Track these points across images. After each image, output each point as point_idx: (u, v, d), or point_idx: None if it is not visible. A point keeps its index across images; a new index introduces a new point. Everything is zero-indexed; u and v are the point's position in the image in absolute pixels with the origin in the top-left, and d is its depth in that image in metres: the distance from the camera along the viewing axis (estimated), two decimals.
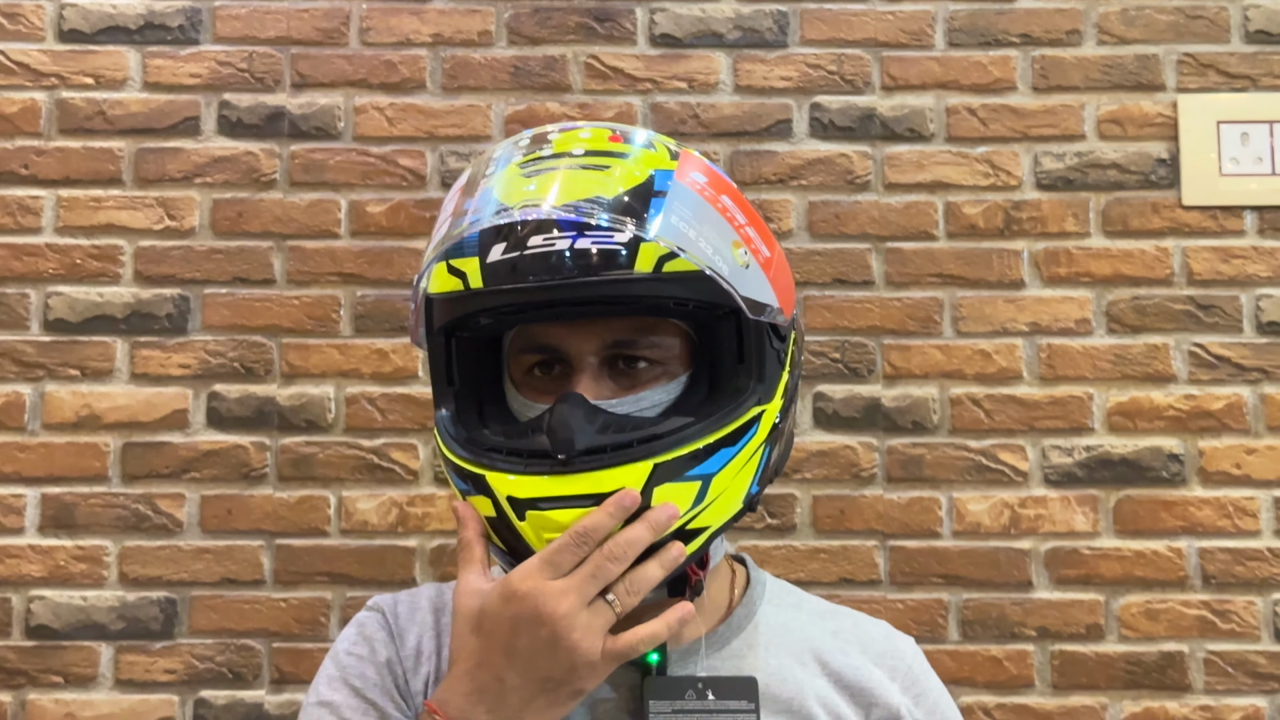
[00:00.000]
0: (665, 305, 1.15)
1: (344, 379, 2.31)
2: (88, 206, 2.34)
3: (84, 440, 2.29)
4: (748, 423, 1.14)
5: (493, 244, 1.11)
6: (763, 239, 1.20)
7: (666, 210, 1.11)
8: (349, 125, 2.36)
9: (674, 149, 1.19)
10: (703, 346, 1.19)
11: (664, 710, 1.18)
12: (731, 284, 1.12)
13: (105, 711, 2.22)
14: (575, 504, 1.07)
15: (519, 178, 1.14)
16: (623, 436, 1.10)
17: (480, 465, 1.12)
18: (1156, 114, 2.35)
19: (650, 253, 1.10)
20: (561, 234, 1.09)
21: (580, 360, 1.16)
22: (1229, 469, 2.27)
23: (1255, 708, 2.21)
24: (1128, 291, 2.31)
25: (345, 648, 1.28)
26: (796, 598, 1.37)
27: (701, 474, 1.11)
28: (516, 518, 1.09)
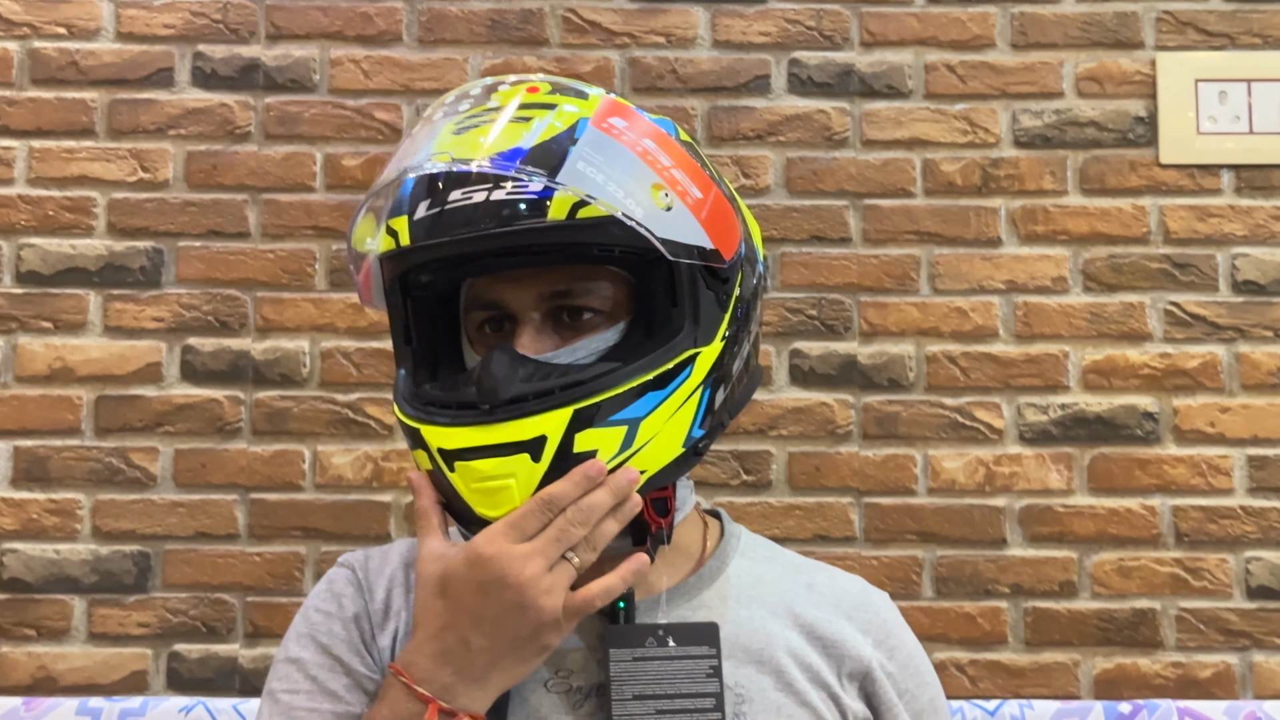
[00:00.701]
0: (589, 252, 1.15)
1: (319, 333, 2.30)
2: (60, 158, 2.32)
3: (56, 393, 2.28)
4: (679, 365, 1.14)
5: (420, 201, 1.13)
6: (694, 180, 1.18)
7: (573, 156, 1.11)
8: (324, 78, 2.35)
9: (596, 95, 1.19)
10: (641, 292, 1.19)
11: (624, 658, 1.18)
12: (646, 227, 1.10)
13: (78, 665, 2.22)
14: (497, 453, 1.08)
15: (450, 134, 1.14)
16: (545, 384, 1.10)
17: (417, 419, 1.13)
18: (1135, 72, 2.34)
19: (564, 201, 1.10)
20: (479, 187, 1.11)
21: (523, 314, 1.17)
22: (1203, 427, 2.28)
23: (1226, 664, 2.22)
24: (1104, 250, 2.31)
25: (314, 604, 1.29)
26: (770, 551, 1.37)
27: (628, 418, 1.11)
28: (448, 469, 1.10)
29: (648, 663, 1.18)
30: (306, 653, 1.24)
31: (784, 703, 1.21)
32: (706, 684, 1.18)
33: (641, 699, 1.16)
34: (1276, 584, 2.24)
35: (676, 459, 1.17)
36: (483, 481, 1.09)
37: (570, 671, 1.20)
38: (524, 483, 1.08)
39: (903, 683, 1.29)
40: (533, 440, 1.08)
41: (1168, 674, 2.22)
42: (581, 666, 1.20)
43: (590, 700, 1.19)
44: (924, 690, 1.32)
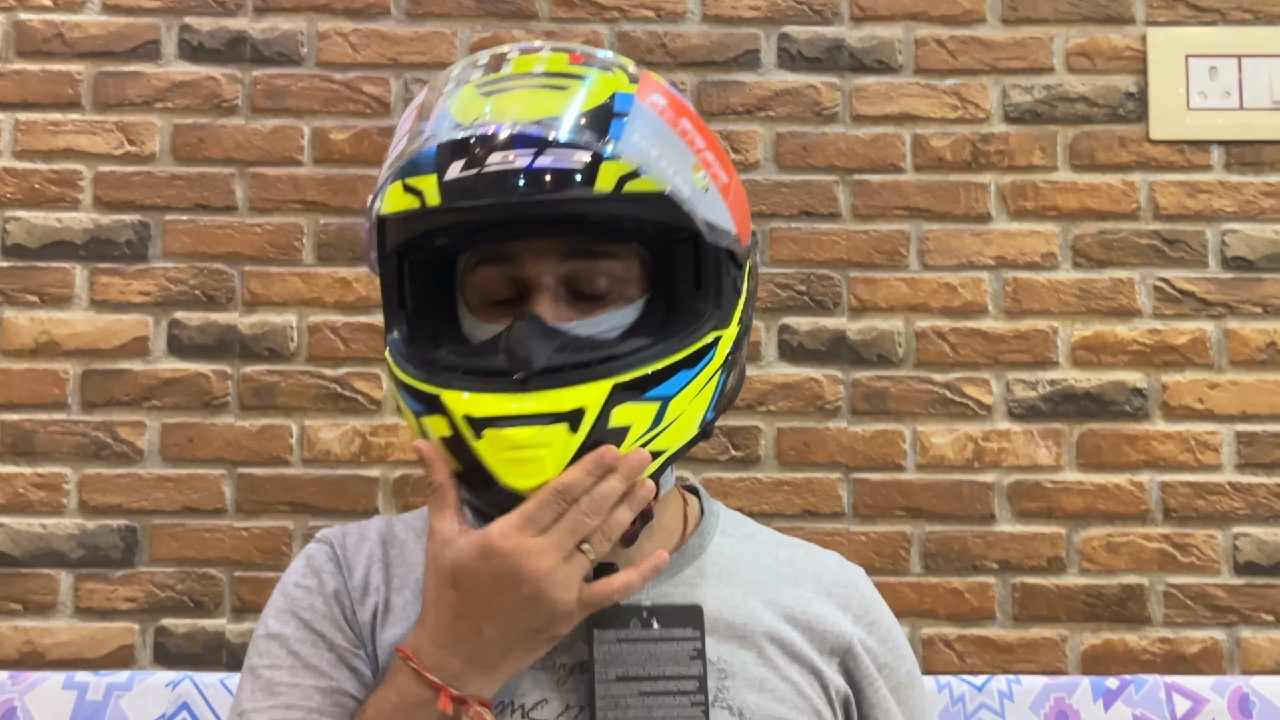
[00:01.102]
0: (624, 227, 1.14)
1: (306, 308, 2.29)
2: (46, 130, 2.31)
3: (43, 367, 2.27)
4: (705, 347, 1.14)
5: (450, 161, 1.09)
6: (721, 164, 1.19)
7: (629, 130, 1.10)
8: (312, 51, 2.34)
9: (633, 71, 1.18)
10: (659, 271, 1.19)
11: (608, 640, 1.18)
12: (692, 205, 1.11)
13: (65, 639, 2.21)
14: (533, 421, 1.07)
15: (476, 97, 1.12)
16: (581, 356, 1.09)
17: (435, 384, 1.11)
18: (1125, 47, 2.34)
19: (611, 172, 1.08)
20: (521, 151, 1.07)
21: (539, 282, 1.15)
22: (1192, 404, 2.28)
23: (1214, 640, 2.23)
24: (1094, 226, 2.31)
25: (293, 580, 1.27)
26: (749, 528, 1.37)
27: (660, 395, 1.10)
28: (474, 436, 1.08)
29: (632, 644, 1.18)
30: (287, 628, 1.23)
31: (766, 677, 1.21)
32: (690, 666, 1.18)
33: (625, 680, 1.16)
34: (1264, 560, 2.24)
35: (690, 440, 1.18)
36: (515, 450, 1.07)
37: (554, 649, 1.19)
38: (559, 453, 1.07)
39: (882, 657, 1.30)
40: (572, 411, 1.07)
41: (1155, 650, 2.23)
42: (567, 645, 1.19)
43: (574, 677, 1.18)
44: (901, 664, 1.32)
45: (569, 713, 1.17)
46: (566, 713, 1.17)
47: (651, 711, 1.16)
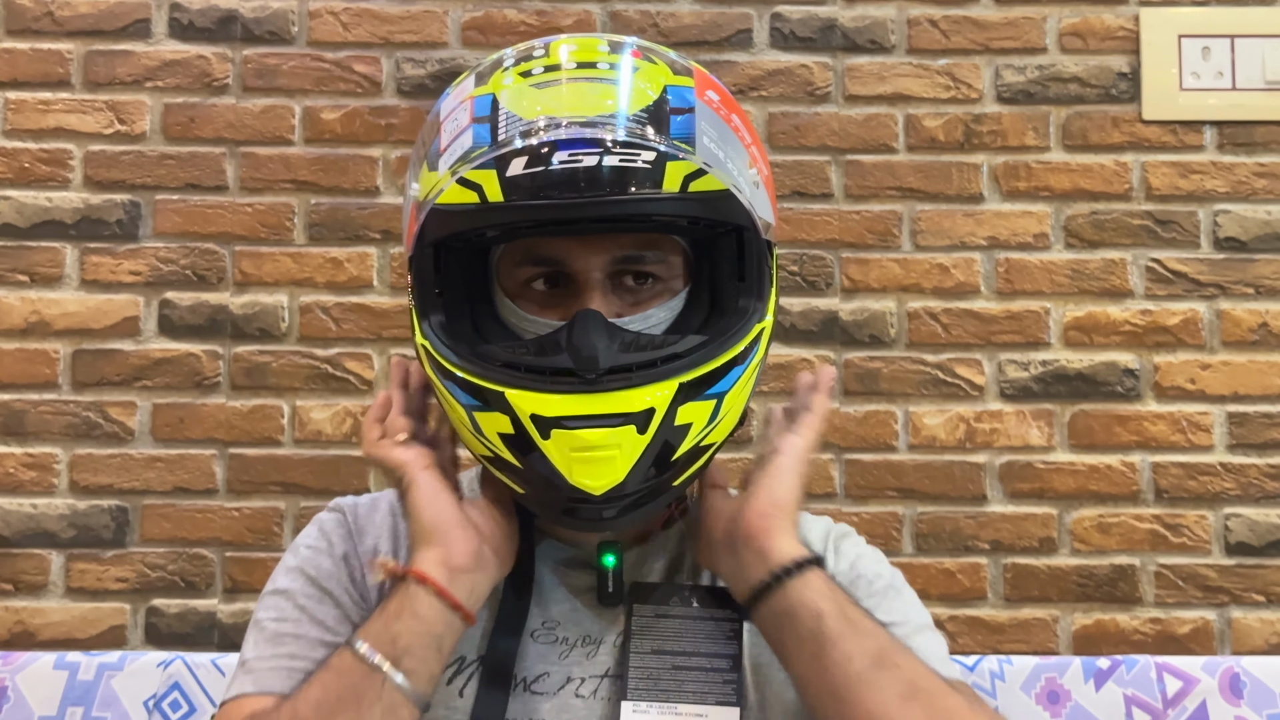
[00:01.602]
0: (680, 223, 1.14)
1: (297, 288, 2.28)
2: (36, 109, 2.30)
3: (33, 347, 2.26)
4: (753, 340, 1.15)
5: (511, 157, 1.08)
6: (762, 158, 1.20)
7: (698, 130, 1.10)
8: (303, 30, 2.33)
9: (681, 63, 1.18)
10: (699, 262, 1.19)
11: (647, 614, 1.21)
12: (751, 204, 1.13)
13: (56, 619, 2.21)
14: (604, 423, 1.08)
15: (529, 89, 1.12)
16: (645, 355, 1.10)
17: (498, 382, 1.10)
18: (1118, 27, 2.33)
19: (677, 172, 1.08)
20: (586, 150, 1.07)
21: (587, 276, 1.15)
22: (1183, 384, 2.28)
23: (1204, 620, 2.23)
24: (1086, 206, 2.31)
25: (304, 542, 1.29)
26: None
27: (717, 392, 1.12)
28: (540, 436, 1.08)
29: (670, 620, 1.20)
30: (295, 584, 1.25)
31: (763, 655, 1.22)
32: (726, 645, 1.20)
33: (659, 654, 1.19)
34: (1255, 540, 2.24)
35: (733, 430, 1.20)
36: (587, 451, 1.08)
37: (557, 623, 1.22)
38: (628, 453, 1.08)
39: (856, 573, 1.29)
40: (642, 413, 1.08)
41: (1146, 630, 2.23)
42: (569, 619, 1.22)
43: (575, 650, 1.21)
44: (879, 579, 1.30)
45: (570, 685, 1.19)
46: (568, 685, 1.19)
47: (683, 685, 1.18)
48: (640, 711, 1.16)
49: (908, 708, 1.05)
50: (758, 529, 1.13)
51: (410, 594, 1.09)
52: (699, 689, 1.17)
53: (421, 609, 1.09)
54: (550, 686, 1.19)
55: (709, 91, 1.16)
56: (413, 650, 1.07)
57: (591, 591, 1.23)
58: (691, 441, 1.11)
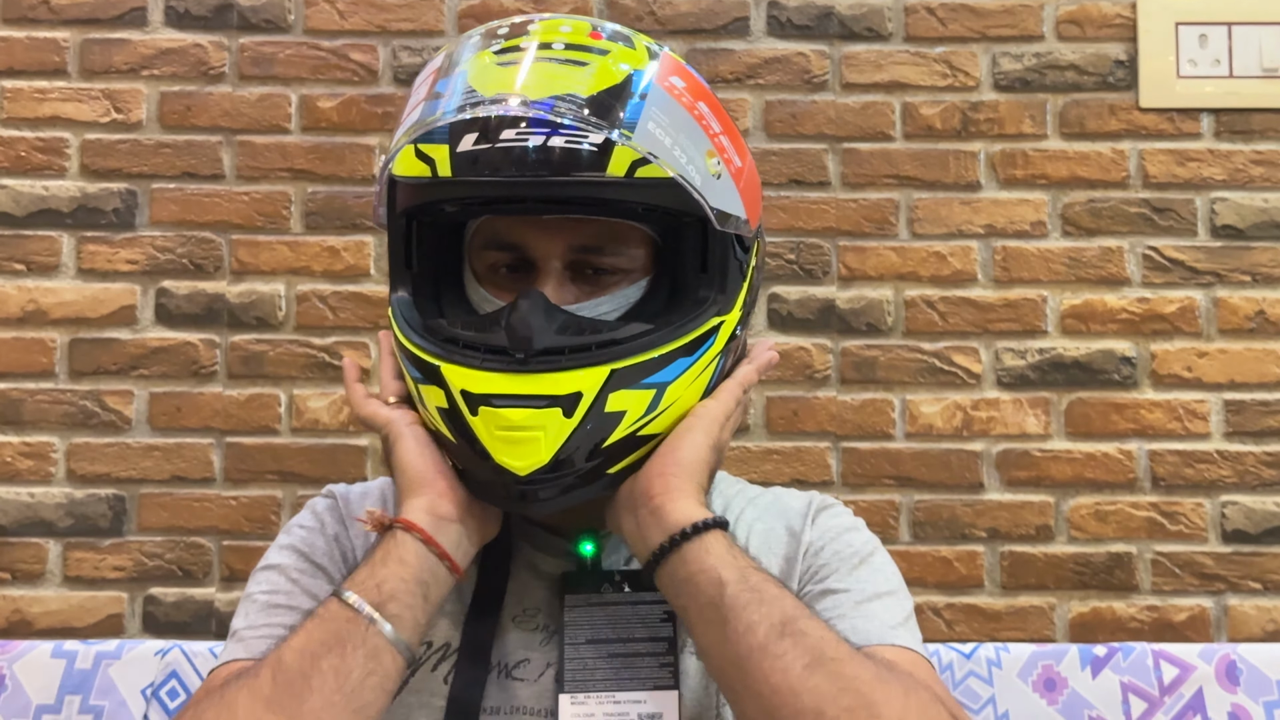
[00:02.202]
0: (634, 210, 1.13)
1: (294, 276, 2.28)
2: (32, 98, 2.30)
3: (30, 336, 2.26)
4: (706, 333, 1.14)
5: (464, 133, 1.09)
6: (735, 148, 1.19)
7: (645, 115, 1.09)
8: (299, 18, 2.32)
9: (654, 49, 1.17)
10: (666, 252, 1.19)
11: (579, 604, 1.19)
12: (702, 194, 1.11)
13: (54, 608, 2.21)
14: (529, 403, 1.07)
15: (494, 67, 1.12)
16: (581, 339, 1.09)
17: (435, 355, 1.11)
18: (1115, 15, 2.33)
19: (623, 157, 1.08)
20: (535, 130, 1.07)
21: (545, 262, 1.15)
22: (1180, 372, 2.28)
23: (1201, 608, 2.23)
24: (1083, 194, 2.31)
25: (298, 522, 1.30)
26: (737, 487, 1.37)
27: (657, 382, 1.11)
28: (469, 412, 1.08)
29: (603, 608, 1.19)
30: (288, 559, 1.25)
31: None
32: (660, 628, 1.18)
33: (594, 643, 1.18)
34: (1252, 528, 2.24)
35: None
36: (510, 430, 1.07)
37: (537, 610, 1.22)
38: (553, 436, 1.07)
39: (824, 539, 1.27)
40: (568, 396, 1.07)
41: (1143, 617, 2.23)
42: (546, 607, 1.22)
43: (555, 638, 1.20)
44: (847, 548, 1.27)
45: (550, 671, 1.19)
46: (548, 671, 1.19)
47: (619, 673, 1.17)
48: (579, 703, 1.15)
49: (811, 677, 0.99)
50: (657, 489, 1.10)
51: (396, 540, 1.09)
52: (636, 675, 1.16)
53: (407, 555, 1.08)
54: (530, 673, 1.19)
55: (673, 78, 1.15)
56: (397, 596, 1.07)
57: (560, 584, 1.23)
58: (625, 430, 1.10)
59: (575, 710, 1.15)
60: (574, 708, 1.15)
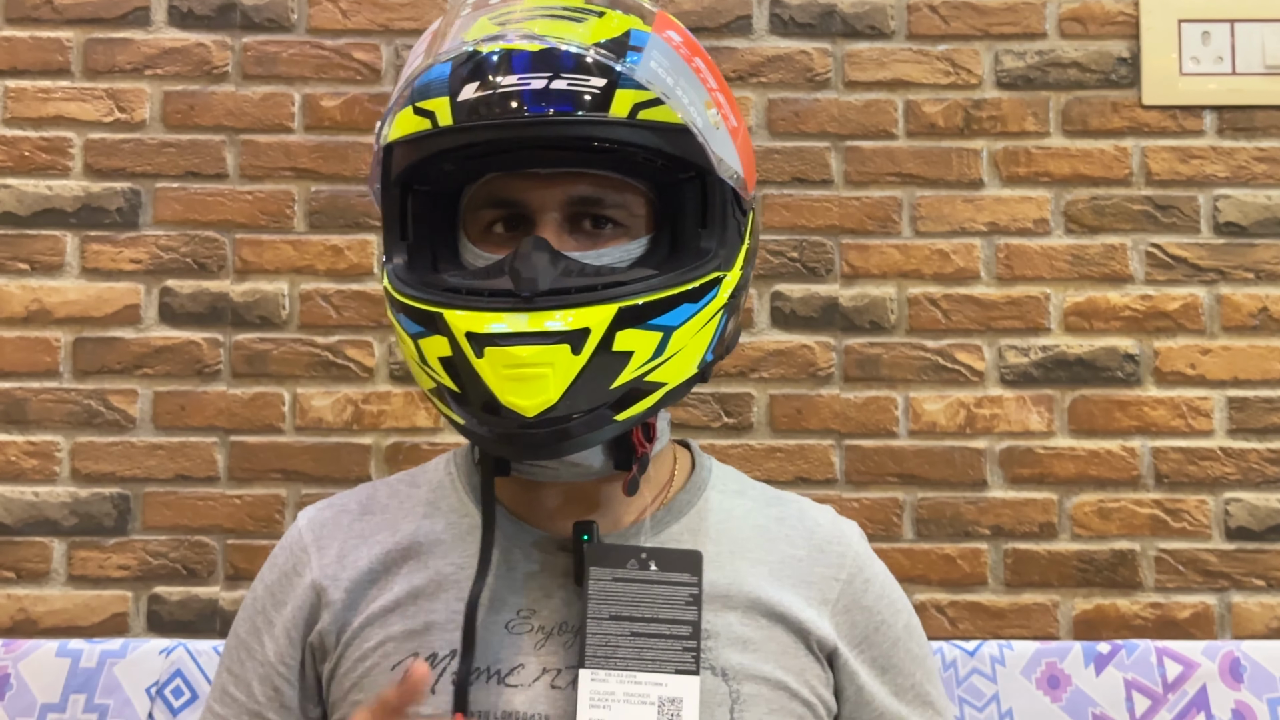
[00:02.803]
0: (634, 157, 1.13)
1: (298, 275, 2.29)
2: (35, 98, 2.30)
3: (34, 335, 2.26)
4: (709, 283, 1.14)
5: (464, 84, 1.09)
6: (731, 108, 1.20)
7: (646, 57, 1.10)
8: (302, 17, 2.33)
9: (649, 9, 1.19)
10: (665, 209, 1.18)
11: (604, 577, 1.16)
12: (705, 138, 1.11)
13: (58, 607, 2.21)
14: (537, 340, 1.06)
15: (491, 25, 1.12)
16: (586, 280, 1.09)
17: (436, 304, 1.10)
18: (1118, 12, 2.33)
19: (626, 99, 1.08)
20: (536, 74, 1.07)
21: (543, 215, 1.15)
22: (1184, 369, 2.28)
23: (1205, 605, 2.23)
24: (1086, 191, 2.31)
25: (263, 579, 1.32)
26: (740, 484, 1.35)
27: (663, 325, 1.10)
28: (475, 354, 1.07)
29: (628, 584, 1.16)
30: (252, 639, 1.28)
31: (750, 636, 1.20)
32: (685, 611, 1.16)
33: (618, 619, 1.15)
34: (1255, 525, 2.24)
35: (689, 378, 1.17)
36: (518, 368, 1.06)
37: (532, 611, 1.19)
38: (561, 373, 1.06)
39: (877, 616, 1.28)
40: (576, 331, 1.06)
41: (1146, 615, 2.23)
42: (544, 605, 1.19)
43: (551, 640, 1.18)
44: (897, 619, 1.30)
45: (545, 676, 1.16)
46: (543, 676, 1.16)
47: (641, 653, 1.15)
48: (599, 680, 1.13)
49: None
50: None
51: None
52: (658, 657, 1.14)
53: None
54: (525, 678, 1.16)
55: (669, 31, 1.16)
56: None
57: (568, 576, 1.19)
58: (634, 372, 1.09)
59: (595, 687, 1.13)
60: (594, 685, 1.13)
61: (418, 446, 2.25)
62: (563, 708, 1.14)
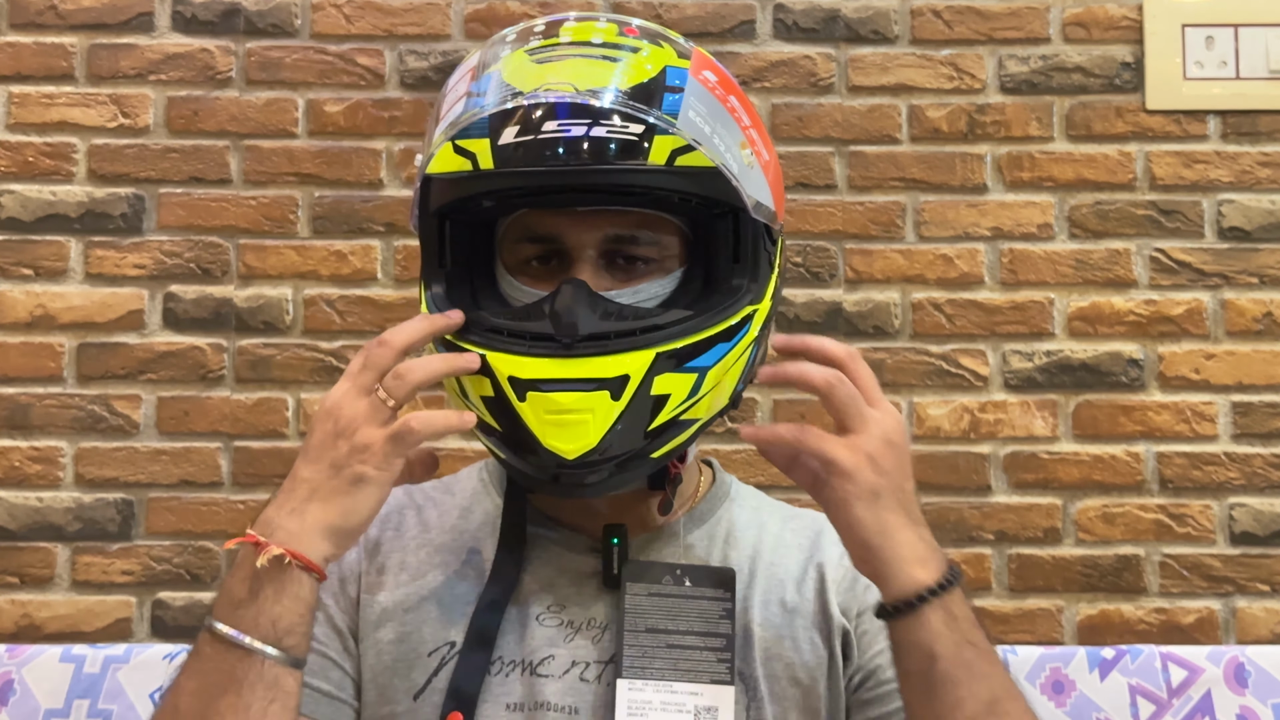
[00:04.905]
0: (670, 199, 1.15)
1: (302, 280, 2.29)
2: (40, 103, 2.30)
3: (38, 340, 2.26)
4: (742, 320, 1.16)
5: (504, 127, 1.11)
6: (764, 142, 1.22)
7: (685, 104, 1.12)
8: (306, 22, 2.33)
9: (684, 46, 1.20)
10: (698, 244, 1.21)
11: (639, 593, 1.21)
12: (740, 181, 1.13)
13: (62, 612, 2.21)
14: (577, 387, 1.10)
15: (529, 64, 1.15)
16: (625, 324, 1.12)
17: (481, 346, 1.13)
18: (1121, 16, 2.33)
19: (664, 146, 1.10)
20: (576, 120, 1.10)
21: (580, 252, 1.17)
22: (1188, 374, 2.28)
23: (1209, 610, 2.23)
24: (1090, 196, 2.31)
25: None
26: (758, 500, 1.39)
27: (699, 366, 1.13)
28: (517, 398, 1.10)
29: (663, 599, 1.21)
30: None
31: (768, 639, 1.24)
32: (719, 625, 1.21)
33: (653, 632, 1.20)
34: (1260, 530, 2.24)
35: (721, 409, 1.21)
36: (559, 414, 1.10)
37: (562, 607, 1.23)
38: (601, 419, 1.10)
39: None
40: (616, 379, 1.10)
41: (1151, 620, 2.23)
42: (574, 602, 1.23)
43: (580, 634, 1.22)
44: None
45: (575, 669, 1.20)
46: (573, 669, 1.20)
47: (677, 664, 1.19)
48: (636, 690, 1.17)
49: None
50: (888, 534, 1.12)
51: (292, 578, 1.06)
52: (694, 668, 1.19)
53: (303, 592, 1.07)
54: (556, 669, 1.20)
55: (705, 72, 1.18)
56: (294, 629, 1.07)
57: (597, 576, 1.24)
58: (670, 413, 1.13)
59: (632, 697, 1.17)
60: (631, 694, 1.17)
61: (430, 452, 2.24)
62: (590, 701, 1.18)
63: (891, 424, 1.15)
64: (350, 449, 1.08)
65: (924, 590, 1.09)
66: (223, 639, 1.05)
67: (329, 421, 1.09)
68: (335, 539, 1.08)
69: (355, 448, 1.07)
